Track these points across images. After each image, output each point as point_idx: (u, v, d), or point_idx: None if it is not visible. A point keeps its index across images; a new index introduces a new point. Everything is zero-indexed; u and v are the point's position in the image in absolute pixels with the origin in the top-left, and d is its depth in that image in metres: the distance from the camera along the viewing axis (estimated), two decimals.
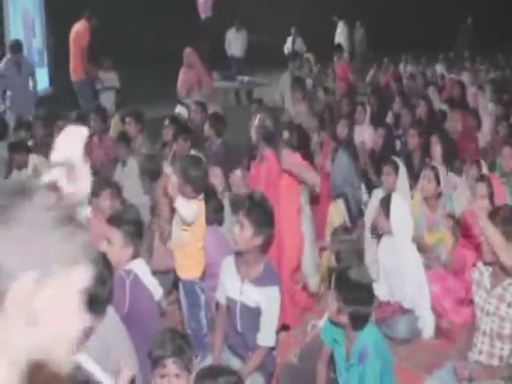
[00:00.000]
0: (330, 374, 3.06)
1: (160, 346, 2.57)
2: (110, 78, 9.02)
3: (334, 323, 2.86)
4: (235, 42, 11.62)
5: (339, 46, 11.42)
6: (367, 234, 4.72)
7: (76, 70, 8.73)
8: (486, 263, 3.06)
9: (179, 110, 7.55)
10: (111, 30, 8.85)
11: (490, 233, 2.85)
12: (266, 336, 3.13)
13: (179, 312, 3.86)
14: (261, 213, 3.12)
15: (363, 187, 5.90)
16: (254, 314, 3.14)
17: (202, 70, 9.16)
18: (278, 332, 3.29)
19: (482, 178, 4.32)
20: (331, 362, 3.01)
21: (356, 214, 5.21)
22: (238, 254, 3.25)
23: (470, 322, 3.31)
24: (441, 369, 3.18)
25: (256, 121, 3.80)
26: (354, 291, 2.71)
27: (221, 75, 10.88)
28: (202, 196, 3.41)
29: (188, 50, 8.94)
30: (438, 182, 4.63)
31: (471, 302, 3.33)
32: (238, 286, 3.20)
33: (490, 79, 10.74)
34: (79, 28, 8.72)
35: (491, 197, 4.09)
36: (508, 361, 2.96)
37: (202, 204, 3.44)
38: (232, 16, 12.08)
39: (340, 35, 13.93)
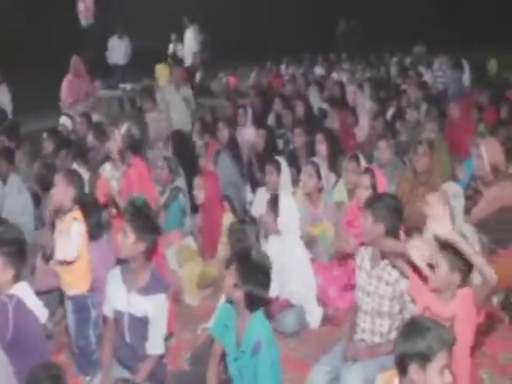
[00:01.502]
0: (222, 374, 3.07)
1: None
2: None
3: (229, 302, 2.88)
4: (118, 50, 11.40)
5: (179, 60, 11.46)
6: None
7: None
8: (364, 244, 3.29)
9: (63, 120, 7.31)
10: None
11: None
12: (155, 344, 3.12)
13: (66, 332, 3.74)
14: (143, 219, 3.11)
15: (248, 187, 6.03)
16: (142, 324, 3.11)
17: (88, 79, 8.92)
18: (166, 339, 3.28)
19: (366, 170, 4.49)
20: (223, 362, 3.04)
21: (241, 214, 5.29)
22: (124, 264, 3.22)
23: (353, 306, 3.49)
24: (327, 353, 3.32)
25: (122, 130, 3.80)
26: (253, 270, 2.75)
27: (103, 84, 10.65)
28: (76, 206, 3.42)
29: (75, 58, 8.65)
30: (319, 177, 4.84)
31: (354, 287, 3.52)
32: (124, 297, 3.16)
33: (367, 78, 11.33)
34: None
35: (374, 188, 4.28)
36: (388, 337, 3.16)
37: (80, 215, 3.42)
38: (113, 23, 11.83)
39: (191, 39, 13.20)
